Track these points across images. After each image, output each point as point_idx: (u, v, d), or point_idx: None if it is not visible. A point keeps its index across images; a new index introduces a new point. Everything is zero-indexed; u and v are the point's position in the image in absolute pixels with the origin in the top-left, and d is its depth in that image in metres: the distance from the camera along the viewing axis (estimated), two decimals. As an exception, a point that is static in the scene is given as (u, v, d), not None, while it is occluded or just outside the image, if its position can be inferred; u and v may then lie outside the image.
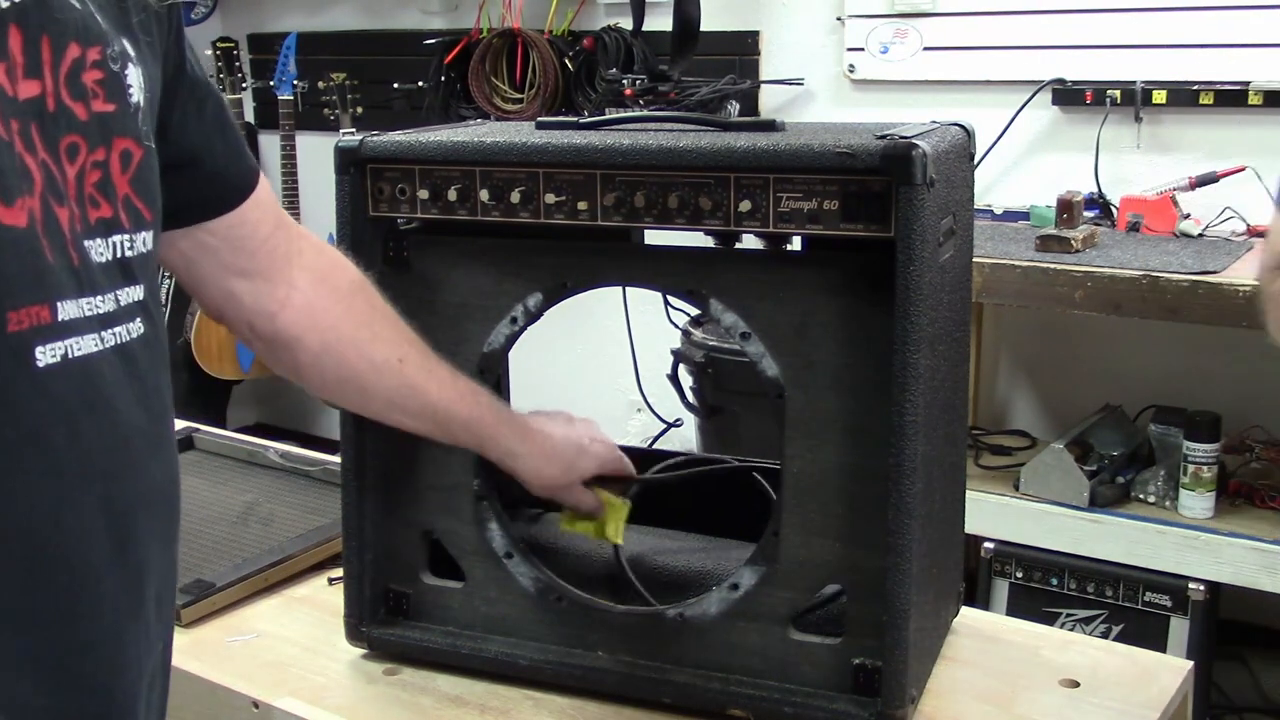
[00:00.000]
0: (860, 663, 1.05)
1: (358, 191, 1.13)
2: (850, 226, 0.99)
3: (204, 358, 3.97)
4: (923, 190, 0.96)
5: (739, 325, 1.05)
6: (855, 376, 1.02)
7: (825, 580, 1.06)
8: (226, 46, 3.82)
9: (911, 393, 0.98)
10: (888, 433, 0.99)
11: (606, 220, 1.07)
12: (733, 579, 1.09)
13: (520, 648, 1.16)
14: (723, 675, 1.09)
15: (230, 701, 1.17)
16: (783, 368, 1.05)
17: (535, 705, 1.13)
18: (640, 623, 1.13)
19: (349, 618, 1.20)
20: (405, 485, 1.19)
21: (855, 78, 3.09)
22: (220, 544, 1.42)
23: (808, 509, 1.05)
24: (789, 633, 1.07)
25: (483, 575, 1.17)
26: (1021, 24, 2.84)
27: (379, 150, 1.12)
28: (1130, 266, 2.31)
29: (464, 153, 1.10)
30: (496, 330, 1.14)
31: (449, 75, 3.53)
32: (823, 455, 1.04)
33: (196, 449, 1.74)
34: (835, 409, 1.03)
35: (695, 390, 2.85)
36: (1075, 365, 2.97)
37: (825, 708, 1.05)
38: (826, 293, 1.02)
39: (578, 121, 1.15)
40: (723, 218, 1.03)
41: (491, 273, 1.13)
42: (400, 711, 1.13)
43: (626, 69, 3.25)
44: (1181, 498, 2.44)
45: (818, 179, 0.99)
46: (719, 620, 1.09)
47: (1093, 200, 2.73)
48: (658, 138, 1.07)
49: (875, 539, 1.02)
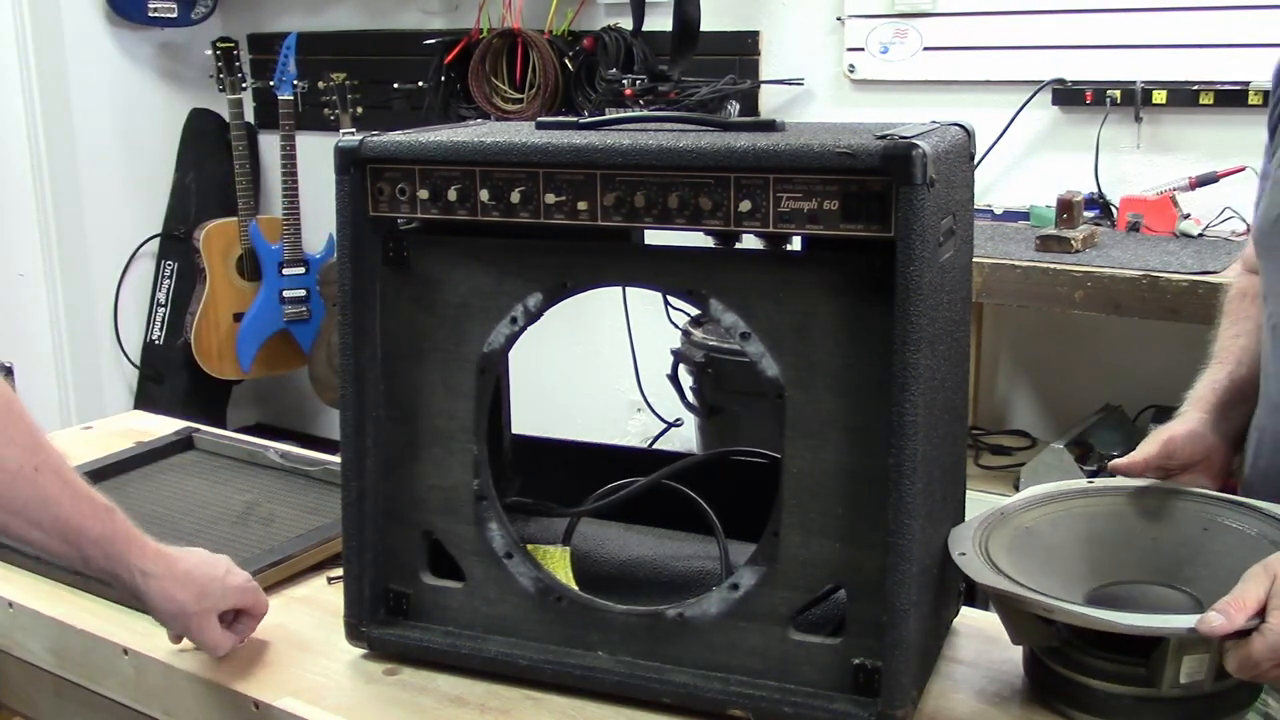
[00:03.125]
0: (860, 663, 1.04)
1: (358, 192, 1.13)
2: (850, 226, 0.99)
3: (204, 358, 3.97)
4: (923, 190, 0.96)
5: (739, 325, 1.05)
6: (855, 376, 1.02)
7: (825, 580, 1.06)
8: (226, 46, 3.83)
9: (912, 392, 0.97)
10: (888, 432, 0.99)
11: (606, 220, 1.07)
12: (733, 579, 1.09)
13: (520, 648, 1.16)
14: (722, 675, 1.09)
15: (230, 701, 1.17)
16: (783, 368, 1.05)
17: (535, 705, 1.13)
18: (640, 623, 1.13)
19: (349, 618, 1.20)
20: (405, 485, 1.19)
21: (855, 78, 3.09)
22: (220, 544, 1.41)
23: (808, 509, 1.05)
24: (789, 633, 1.07)
25: (483, 575, 1.17)
26: (1021, 24, 2.84)
27: (379, 150, 1.12)
28: (1130, 266, 2.31)
29: (464, 153, 1.10)
30: (496, 330, 1.14)
31: (449, 75, 3.53)
32: (823, 455, 1.04)
33: (196, 449, 1.74)
34: (835, 409, 1.03)
35: (695, 390, 2.85)
36: (1075, 365, 2.97)
37: (825, 708, 1.05)
38: (826, 293, 1.02)
39: (578, 121, 1.15)
40: (723, 218, 1.03)
41: (492, 272, 1.13)
42: (400, 711, 1.13)
43: (626, 69, 3.25)
44: (1181, 498, 2.44)
45: (818, 179, 0.99)
46: (719, 620, 1.09)
47: (1093, 200, 2.73)
48: (657, 138, 1.07)
49: (875, 539, 1.02)
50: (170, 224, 4.15)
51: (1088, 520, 1.17)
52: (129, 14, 3.92)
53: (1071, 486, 1.21)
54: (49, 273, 3.86)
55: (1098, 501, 1.19)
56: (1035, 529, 1.14)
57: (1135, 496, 1.20)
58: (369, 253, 1.15)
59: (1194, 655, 0.97)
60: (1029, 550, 1.11)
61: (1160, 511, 1.18)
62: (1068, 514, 1.17)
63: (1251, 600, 0.94)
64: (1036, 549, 1.12)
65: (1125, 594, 1.11)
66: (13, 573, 1.39)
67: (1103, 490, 1.21)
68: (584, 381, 3.62)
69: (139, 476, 1.63)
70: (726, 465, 1.30)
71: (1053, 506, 1.18)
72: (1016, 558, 1.08)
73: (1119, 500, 1.20)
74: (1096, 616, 0.97)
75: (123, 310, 4.09)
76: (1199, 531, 1.14)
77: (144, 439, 1.75)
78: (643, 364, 1.76)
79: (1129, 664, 1.01)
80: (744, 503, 1.19)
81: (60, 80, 3.82)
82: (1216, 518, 1.15)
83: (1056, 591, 1.03)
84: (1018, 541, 1.11)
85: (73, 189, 3.89)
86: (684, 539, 1.28)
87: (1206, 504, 1.17)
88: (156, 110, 4.12)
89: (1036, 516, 1.16)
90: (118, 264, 4.06)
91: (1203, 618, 0.94)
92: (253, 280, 3.93)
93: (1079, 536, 1.15)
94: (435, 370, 1.16)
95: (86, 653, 1.28)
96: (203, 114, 4.18)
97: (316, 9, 4.02)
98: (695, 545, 1.27)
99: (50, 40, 3.78)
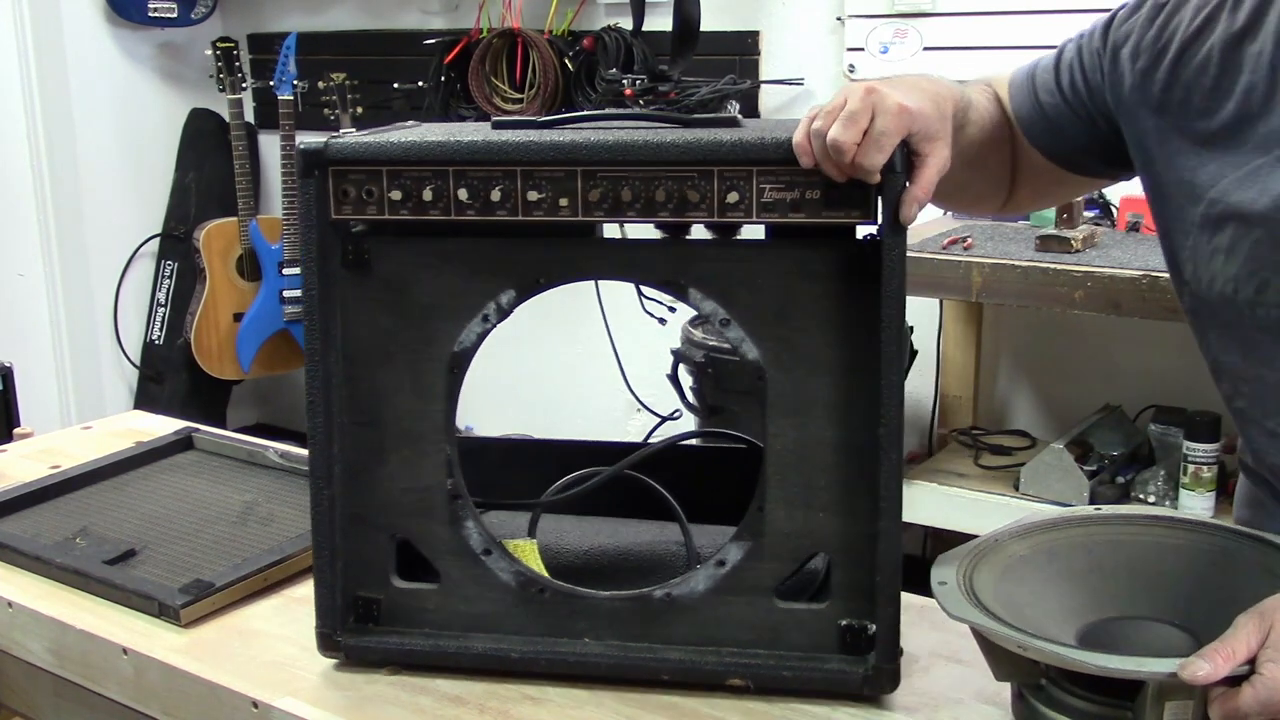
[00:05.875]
0: (848, 624, 1.10)
1: (322, 195, 1.12)
2: (832, 214, 1.04)
3: (204, 358, 3.97)
4: (902, 178, 1.02)
5: (719, 312, 1.09)
6: (833, 356, 1.07)
7: (809, 550, 1.11)
8: (226, 46, 3.83)
9: (895, 367, 1.04)
10: (866, 407, 1.05)
11: (589, 216, 1.08)
12: (719, 556, 1.12)
13: (506, 642, 1.16)
14: (714, 649, 1.13)
15: (230, 701, 1.17)
16: (762, 351, 1.09)
17: (535, 705, 1.13)
18: (627, 606, 1.14)
19: (322, 629, 1.18)
20: (372, 490, 1.18)
21: (855, 78, 3.09)
22: (220, 544, 1.42)
23: (790, 483, 1.10)
24: (775, 602, 1.12)
25: (460, 574, 1.17)
26: (1021, 24, 2.85)
27: (345, 153, 1.12)
28: (1130, 266, 2.31)
29: (437, 153, 1.10)
30: (468, 329, 1.14)
31: (449, 75, 3.53)
32: (804, 432, 1.09)
33: (196, 449, 1.74)
34: (814, 387, 1.08)
35: (695, 390, 2.85)
36: (1075, 365, 2.97)
37: (820, 669, 1.10)
38: (802, 277, 1.07)
39: (535, 121, 1.16)
40: (707, 209, 1.06)
41: (462, 271, 1.13)
42: (400, 711, 1.13)
43: (626, 69, 3.25)
44: (1181, 498, 2.44)
45: (800, 170, 1.04)
46: (707, 596, 1.12)
47: (1093, 200, 2.73)
48: (644, 133, 1.09)
49: (856, 507, 1.08)
50: (170, 224, 4.15)
51: (1087, 550, 1.11)
52: (129, 14, 3.92)
53: (1074, 514, 1.15)
54: (49, 273, 3.86)
55: (1100, 530, 1.13)
56: (1030, 558, 1.09)
57: (1142, 527, 1.13)
58: (333, 257, 1.14)
59: (1177, 701, 0.91)
60: (1022, 581, 1.06)
61: (1167, 543, 1.11)
62: (1066, 543, 1.12)
63: (1242, 648, 0.88)
64: (1031, 580, 1.07)
65: (1120, 632, 1.05)
66: (13, 573, 1.39)
67: (1107, 519, 1.14)
68: (584, 380, 3.62)
69: (139, 476, 1.63)
70: (680, 452, 1.33)
71: (1051, 534, 1.12)
72: (1007, 589, 1.03)
73: (1124, 530, 1.13)
74: (1070, 656, 0.92)
75: (123, 310, 4.09)
76: (1208, 566, 1.07)
77: (144, 439, 1.75)
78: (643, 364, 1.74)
79: (1114, 707, 0.95)
80: (698, 488, 1.25)
81: (60, 80, 3.83)
82: (1227, 551, 1.08)
83: (1049, 626, 0.99)
84: (1010, 572, 1.07)
85: (73, 189, 3.89)
86: (641, 525, 1.30)
87: (1217, 536, 1.10)
88: (156, 110, 4.12)
89: (1032, 545, 1.10)
90: (118, 264, 4.06)
91: (1185, 663, 0.87)
92: (253, 280, 3.93)
93: (1077, 568, 1.10)
94: (403, 372, 1.16)
95: (86, 653, 1.28)
96: (203, 114, 4.19)
97: (316, 9, 4.02)
98: (654, 530, 1.29)
99: (50, 40, 3.78)
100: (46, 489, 1.56)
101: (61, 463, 1.67)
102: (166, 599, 1.27)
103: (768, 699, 1.11)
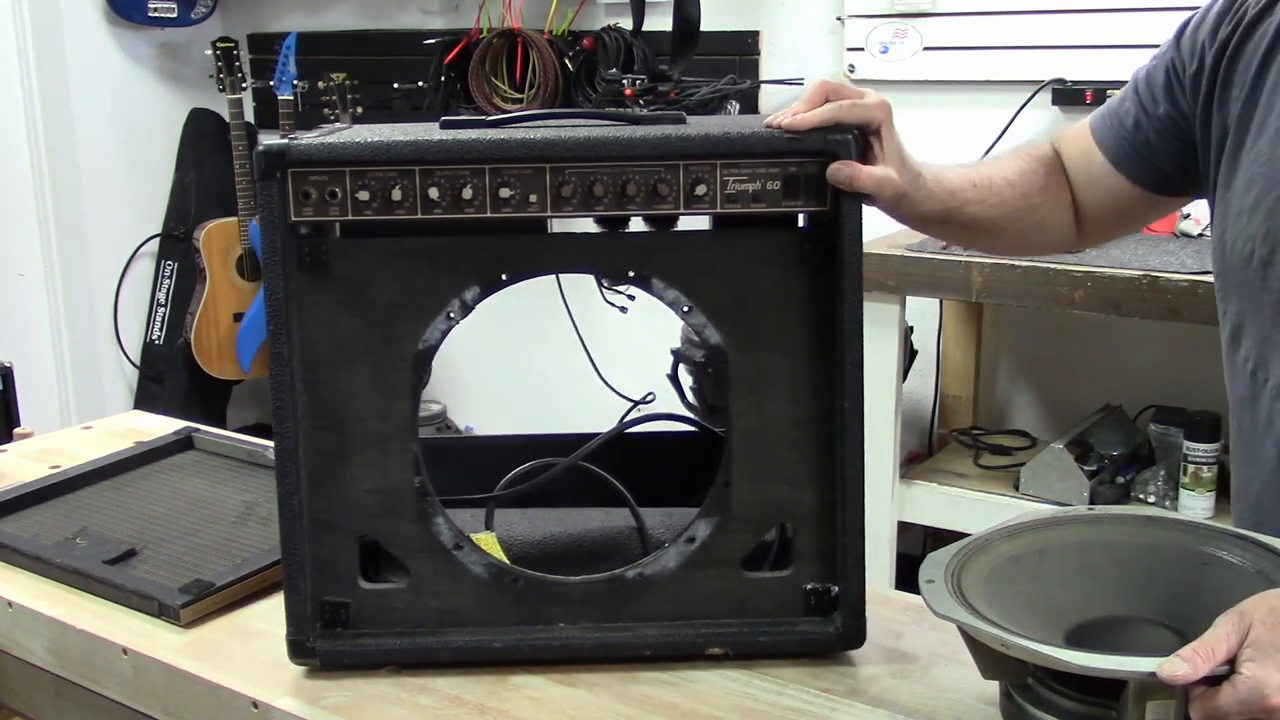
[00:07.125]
0: (812, 588, 1.17)
1: (283, 197, 1.12)
2: (791, 203, 1.11)
3: (204, 358, 3.97)
4: (856, 150, 1.10)
5: (682, 301, 1.14)
6: (791, 337, 1.14)
7: (774, 521, 1.18)
8: (226, 46, 3.83)
9: (855, 345, 1.11)
10: (824, 384, 1.13)
11: (558, 211, 1.11)
12: (689, 533, 1.17)
13: (482, 634, 1.17)
14: (688, 622, 1.18)
15: (230, 701, 1.17)
16: (724, 335, 1.15)
17: (535, 705, 1.13)
18: (602, 589, 1.17)
19: (294, 636, 1.17)
20: (335, 493, 1.17)
21: (855, 78, 3.09)
22: (220, 544, 1.42)
23: (755, 459, 1.16)
24: (743, 573, 1.18)
25: (431, 570, 1.18)
26: (1021, 24, 2.84)
27: (307, 154, 1.11)
28: (1130, 266, 2.31)
29: (403, 152, 1.10)
30: (432, 327, 1.15)
31: (449, 75, 3.53)
32: (765, 409, 1.15)
33: (196, 449, 1.74)
34: (774, 367, 1.15)
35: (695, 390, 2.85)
36: (1075, 365, 2.98)
37: (791, 631, 1.17)
38: (761, 263, 1.14)
39: (484, 120, 1.18)
40: (673, 201, 1.11)
41: (423, 270, 1.14)
42: (400, 711, 1.13)
43: (626, 69, 3.25)
44: (1182, 498, 2.44)
45: (762, 163, 1.11)
46: (678, 572, 1.17)
47: (1093, 200, 2.73)
48: (612, 130, 1.12)
49: (816, 478, 1.15)
50: (170, 224, 4.15)
51: (1079, 550, 1.11)
52: (129, 14, 3.92)
53: (1065, 514, 1.15)
54: (49, 273, 3.86)
55: (1091, 530, 1.14)
56: (1020, 558, 1.09)
57: (1133, 527, 1.13)
58: (289, 258, 1.14)
59: (1159, 701, 0.92)
60: (1010, 580, 1.06)
61: (1158, 544, 1.11)
62: (1058, 543, 1.12)
63: (1221, 647, 0.88)
64: (1020, 579, 1.07)
65: (1109, 631, 1.05)
66: (13, 573, 1.39)
67: (1098, 518, 1.15)
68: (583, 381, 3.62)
69: (139, 476, 1.63)
70: (627, 441, 1.38)
71: (1042, 534, 1.12)
72: (995, 588, 1.03)
73: (1115, 530, 1.14)
74: (1051, 654, 0.92)
75: (123, 310, 4.09)
76: (1198, 566, 1.08)
77: (144, 439, 1.75)
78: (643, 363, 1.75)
79: (1099, 706, 0.95)
80: (643, 473, 1.30)
81: (60, 80, 3.82)
82: (1217, 552, 1.08)
83: (1037, 626, 0.99)
84: (999, 571, 1.06)
85: (73, 189, 3.89)
86: (587, 512, 1.32)
87: (1208, 536, 1.10)
88: (156, 110, 4.12)
89: (1023, 545, 1.10)
90: (117, 264, 4.06)
91: (1165, 662, 0.88)
92: (253, 280, 3.93)
93: (1068, 568, 1.10)
94: (365, 373, 1.15)
95: (86, 653, 1.28)
96: (203, 114, 4.19)
97: (316, 9, 4.02)
98: (600, 516, 1.31)
99: (50, 40, 3.78)
100: (46, 489, 1.56)
101: (61, 463, 1.67)
102: (167, 599, 1.27)
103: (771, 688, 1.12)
